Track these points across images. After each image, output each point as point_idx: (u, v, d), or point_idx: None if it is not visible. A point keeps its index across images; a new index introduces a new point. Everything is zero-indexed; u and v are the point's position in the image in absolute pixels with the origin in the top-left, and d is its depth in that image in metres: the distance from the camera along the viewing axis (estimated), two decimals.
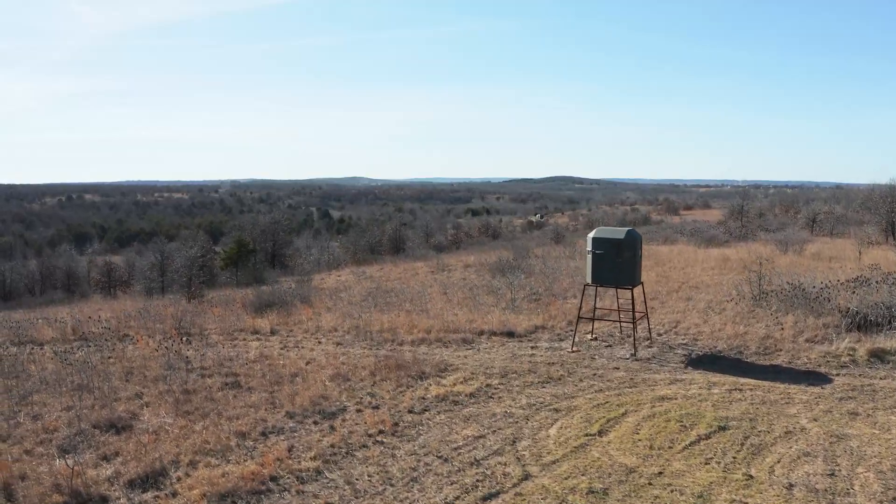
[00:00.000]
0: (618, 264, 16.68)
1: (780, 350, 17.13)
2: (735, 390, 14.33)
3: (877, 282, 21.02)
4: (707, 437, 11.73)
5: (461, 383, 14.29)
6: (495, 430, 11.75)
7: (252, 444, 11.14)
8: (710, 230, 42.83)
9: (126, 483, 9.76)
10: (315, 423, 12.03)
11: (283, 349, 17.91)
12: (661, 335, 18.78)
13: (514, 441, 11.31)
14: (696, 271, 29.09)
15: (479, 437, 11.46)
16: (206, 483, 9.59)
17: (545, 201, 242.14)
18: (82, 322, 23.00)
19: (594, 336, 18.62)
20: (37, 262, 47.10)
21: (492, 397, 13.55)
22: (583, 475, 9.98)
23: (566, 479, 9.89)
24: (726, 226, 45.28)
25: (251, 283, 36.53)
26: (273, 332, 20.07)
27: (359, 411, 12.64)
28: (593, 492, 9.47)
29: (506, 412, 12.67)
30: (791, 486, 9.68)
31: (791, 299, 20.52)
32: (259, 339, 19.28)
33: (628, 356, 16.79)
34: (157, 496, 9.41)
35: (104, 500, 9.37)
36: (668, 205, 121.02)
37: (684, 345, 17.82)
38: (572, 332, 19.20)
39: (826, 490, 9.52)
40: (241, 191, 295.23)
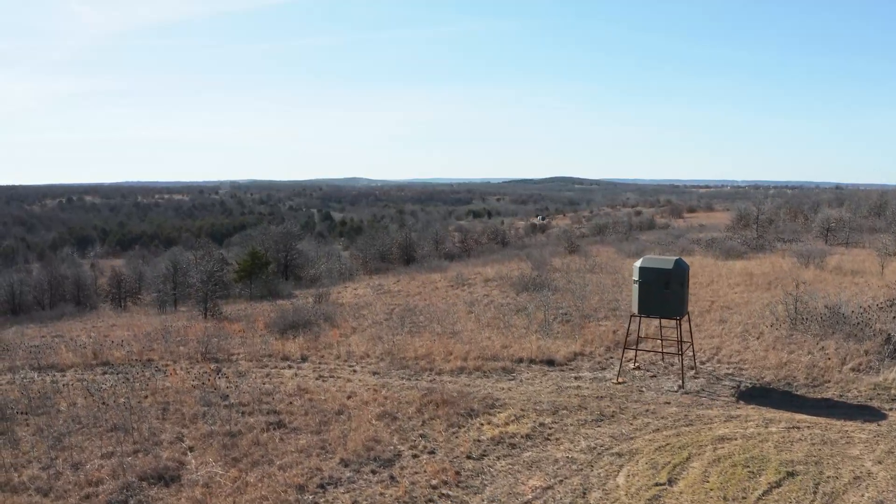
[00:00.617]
0: (665, 295, 16.21)
1: (829, 381, 16.80)
2: (793, 428, 13.97)
3: None
4: (777, 484, 11.40)
5: (514, 422, 13.83)
6: (562, 480, 11.28)
7: (311, 498, 10.65)
8: (727, 241, 42.37)
9: None
10: (373, 471, 11.53)
11: (318, 379, 17.42)
12: (703, 363, 18.36)
13: (585, 492, 10.86)
14: (723, 288, 28.67)
15: (547, 487, 10.99)
16: None
17: (546, 202, 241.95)
18: (103, 346, 22.51)
19: (637, 365, 18.16)
20: (44, 272, 46.45)
21: (548, 439, 13.09)
22: None
23: None
24: (743, 236, 44.78)
25: (265, 296, 36.03)
26: (304, 359, 19.58)
27: (415, 457, 12.16)
28: None
29: (567, 457, 12.21)
30: None
31: (829, 323, 20.18)
32: (291, 367, 18.79)
33: (676, 388, 16.35)
34: None
35: None
36: (671, 207, 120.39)
37: (730, 375, 17.39)
38: (613, 360, 18.77)
39: None
40: (242, 192, 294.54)
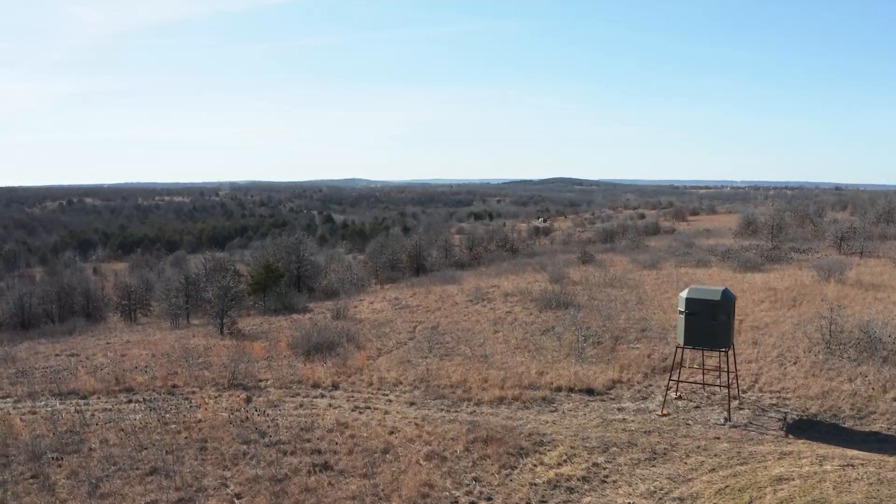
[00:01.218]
0: (712, 327, 15.87)
1: (874, 412, 16.55)
2: (848, 466, 13.69)
3: None
4: None
5: (566, 462, 13.47)
6: None
7: None
8: (744, 252, 42.00)
9: None
10: None
11: (354, 410, 17.04)
12: (745, 392, 18.03)
13: None
14: (749, 305, 28.32)
15: None
16: None
17: (546, 204, 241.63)
18: (123, 369, 22.11)
19: (678, 394, 17.81)
20: (52, 284, 45.93)
21: (605, 481, 12.74)
22: None
23: None
24: (758, 247, 44.43)
25: (280, 309, 35.63)
26: (335, 386, 19.19)
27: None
28: None
29: (629, 503, 11.87)
30: None
31: (864, 347, 19.95)
32: (323, 396, 18.40)
33: (723, 421, 16.00)
34: None
35: None
36: (674, 210, 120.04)
37: (775, 406, 17.06)
38: (652, 388, 18.43)
39: None
40: (242, 194, 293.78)
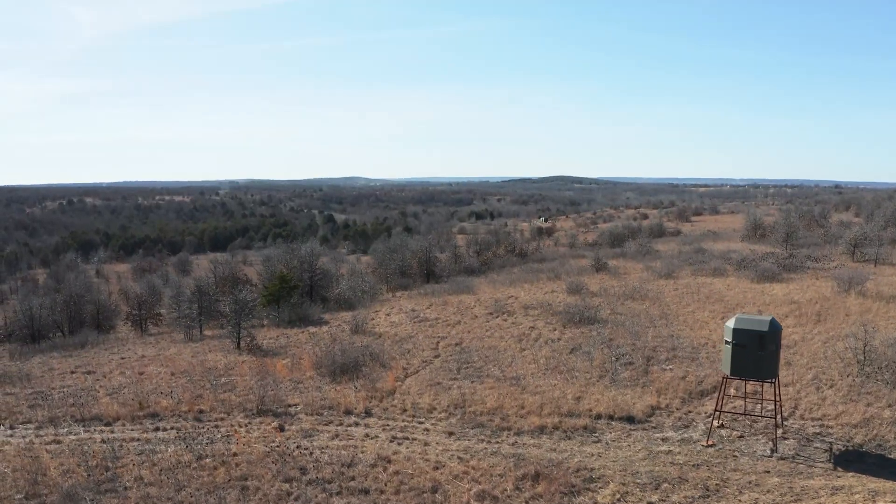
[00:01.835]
0: (760, 357, 15.62)
1: None
2: None
3: None
4: None
5: (620, 502, 13.21)
6: None
7: None
8: (759, 261, 41.78)
9: None
10: None
11: (392, 441, 16.76)
12: (786, 420, 17.78)
13: None
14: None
15: None
16: None
17: (546, 202, 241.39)
18: (146, 392, 21.76)
19: (721, 423, 17.56)
20: (61, 292, 45.49)
21: None
22: None
23: None
24: (774, 255, 44.20)
25: (294, 321, 35.32)
26: (368, 413, 18.90)
27: None
28: None
29: None
30: None
31: None
32: (358, 425, 18.11)
33: (769, 452, 15.78)
34: None
35: None
36: (677, 211, 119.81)
37: (819, 435, 16.83)
38: (692, 415, 18.18)
39: None
40: (242, 193, 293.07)
